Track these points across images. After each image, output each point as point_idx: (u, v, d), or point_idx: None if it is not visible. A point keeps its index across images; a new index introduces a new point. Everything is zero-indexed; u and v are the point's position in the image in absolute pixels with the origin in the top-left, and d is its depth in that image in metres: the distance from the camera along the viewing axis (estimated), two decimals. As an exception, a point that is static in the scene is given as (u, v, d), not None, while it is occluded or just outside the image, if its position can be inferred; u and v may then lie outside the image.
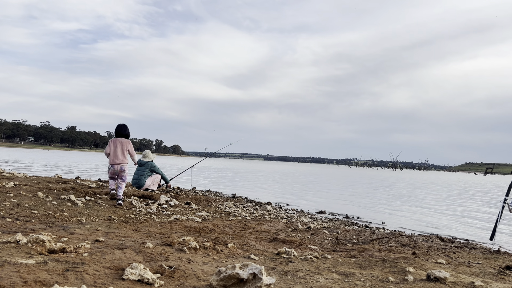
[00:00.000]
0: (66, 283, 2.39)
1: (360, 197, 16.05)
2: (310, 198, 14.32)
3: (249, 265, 2.62)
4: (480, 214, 11.96)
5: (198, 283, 2.68)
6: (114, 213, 5.87)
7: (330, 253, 4.40)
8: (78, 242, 3.48)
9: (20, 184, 7.48)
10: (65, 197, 6.51)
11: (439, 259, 4.15)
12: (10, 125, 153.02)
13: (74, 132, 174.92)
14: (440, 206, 14.01)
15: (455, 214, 11.58)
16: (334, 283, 2.94)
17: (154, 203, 7.42)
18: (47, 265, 2.66)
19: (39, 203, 5.84)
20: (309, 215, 9.31)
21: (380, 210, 11.59)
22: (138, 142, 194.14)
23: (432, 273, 3.17)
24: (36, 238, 3.16)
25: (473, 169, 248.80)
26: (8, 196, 6.01)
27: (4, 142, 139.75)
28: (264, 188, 17.88)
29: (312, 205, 11.76)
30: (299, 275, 3.10)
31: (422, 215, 11.01)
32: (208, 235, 4.79)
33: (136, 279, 2.60)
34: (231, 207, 8.46)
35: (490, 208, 14.21)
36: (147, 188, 9.50)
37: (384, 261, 3.86)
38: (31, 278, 2.37)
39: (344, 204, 12.80)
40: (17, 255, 2.86)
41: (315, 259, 3.78)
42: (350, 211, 10.87)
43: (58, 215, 5.13)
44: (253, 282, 2.53)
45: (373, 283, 3.03)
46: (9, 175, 9.46)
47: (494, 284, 3.16)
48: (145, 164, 9.69)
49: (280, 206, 10.59)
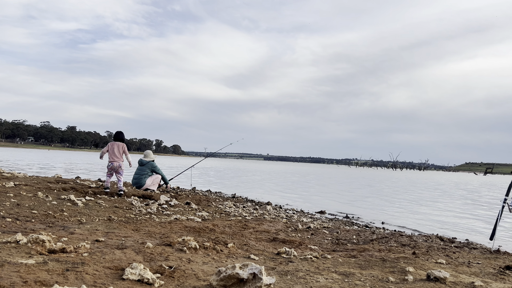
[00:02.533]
0: (66, 283, 2.39)
1: (360, 197, 16.05)
2: (310, 198, 14.32)
3: (249, 265, 2.62)
4: (480, 214, 11.96)
5: (198, 283, 2.68)
6: (114, 213, 5.88)
7: (330, 253, 4.40)
8: (78, 242, 3.48)
9: (20, 184, 7.48)
10: (65, 197, 6.51)
11: (439, 259, 4.15)
12: (10, 125, 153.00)
13: (74, 132, 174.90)
14: (440, 206, 14.01)
15: (455, 214, 11.58)
16: (334, 283, 2.94)
17: (154, 203, 7.42)
18: (47, 265, 2.66)
19: (39, 203, 5.84)
20: (309, 215, 9.32)
21: (380, 210, 11.59)
22: (138, 142, 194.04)
23: (432, 273, 3.17)
24: (36, 238, 3.16)
25: (473, 169, 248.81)
26: (8, 196, 6.01)
27: (4, 142, 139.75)
28: (264, 188, 17.88)
29: (312, 205, 11.76)
30: (299, 275, 3.10)
31: (422, 215, 11.01)
32: (208, 235, 4.80)
33: (136, 279, 2.60)
34: (231, 207, 8.46)
35: (489, 208, 14.21)
36: (147, 188, 9.50)
37: (384, 261, 3.86)
38: (31, 278, 2.37)
39: (344, 204, 12.80)
40: (17, 255, 2.86)
41: (315, 259, 3.78)
42: (350, 211, 10.87)
43: (58, 215, 5.14)
44: (253, 282, 2.53)
45: (373, 283, 3.03)
46: (9, 175, 9.46)
47: (494, 284, 3.16)
48: (146, 164, 9.69)
49: (280, 206, 10.59)
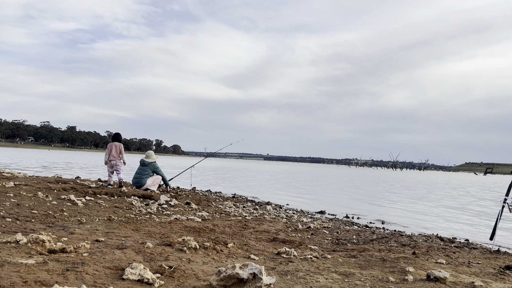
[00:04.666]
0: (66, 283, 2.39)
1: (360, 197, 16.05)
2: (310, 198, 14.32)
3: (249, 265, 2.61)
4: (480, 214, 11.96)
5: (198, 283, 2.68)
6: (114, 213, 5.88)
7: (330, 253, 4.40)
8: (78, 242, 3.48)
9: (20, 184, 7.48)
10: (65, 197, 6.51)
11: (439, 259, 4.15)
12: (10, 125, 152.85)
13: (74, 132, 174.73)
14: (440, 206, 14.01)
15: (455, 214, 11.58)
16: (334, 283, 2.94)
17: (154, 203, 7.42)
18: (47, 265, 2.66)
19: (39, 203, 5.84)
20: (309, 215, 9.32)
21: (380, 210, 11.59)
22: (138, 142, 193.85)
23: (432, 273, 3.17)
24: (36, 238, 3.16)
25: (473, 169, 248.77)
26: (8, 196, 6.01)
27: (4, 142, 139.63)
28: (264, 188, 17.89)
29: (312, 205, 11.76)
30: (299, 275, 3.10)
31: (422, 215, 11.01)
32: (208, 235, 4.80)
33: (136, 279, 2.60)
34: (231, 207, 8.46)
35: (489, 208, 14.21)
36: (147, 188, 9.50)
37: (384, 261, 3.86)
38: (31, 278, 2.37)
39: (344, 204, 12.80)
40: (17, 255, 2.86)
41: (315, 259, 3.78)
42: (350, 211, 10.87)
43: (58, 215, 5.14)
44: (253, 282, 2.53)
45: (373, 283, 3.03)
46: (9, 175, 9.46)
47: (494, 284, 3.16)
48: (148, 165, 9.70)
49: (280, 206, 10.59)
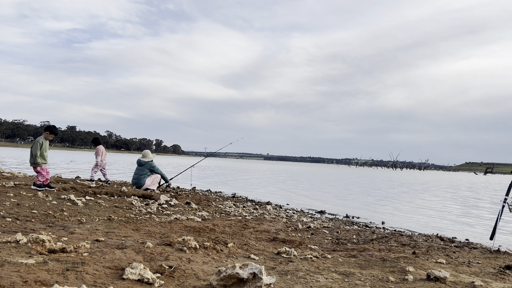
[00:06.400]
0: (66, 283, 2.39)
1: (361, 197, 16.05)
2: (310, 198, 14.32)
3: (249, 265, 2.61)
4: (480, 214, 11.96)
5: (198, 283, 2.68)
6: (114, 213, 5.88)
7: (330, 252, 4.40)
8: (78, 241, 3.48)
9: (20, 184, 7.48)
10: (65, 197, 6.51)
11: (439, 258, 4.15)
12: (10, 124, 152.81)
13: (74, 132, 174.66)
14: (440, 205, 14.01)
15: (455, 214, 11.58)
16: (334, 283, 2.94)
17: (154, 202, 7.42)
18: (47, 265, 2.66)
19: (39, 202, 5.84)
20: (309, 214, 9.32)
21: (380, 210, 11.59)
22: (138, 142, 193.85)
23: (432, 272, 3.17)
24: (36, 237, 3.16)
25: (473, 169, 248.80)
26: (8, 196, 6.01)
27: (4, 142, 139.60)
28: (264, 188, 17.88)
29: (312, 205, 11.76)
30: (299, 275, 3.10)
31: (422, 215, 11.01)
32: (208, 235, 4.79)
33: (136, 278, 2.60)
34: (231, 207, 8.46)
35: (490, 207, 14.21)
36: (147, 188, 9.50)
37: (384, 260, 3.86)
38: (31, 278, 2.37)
39: (344, 204, 12.80)
40: (17, 255, 2.86)
41: (315, 258, 3.77)
42: (350, 211, 10.87)
43: (58, 215, 5.14)
44: (253, 282, 2.53)
45: (373, 282, 3.03)
46: (9, 175, 9.46)
47: (494, 284, 3.16)
48: (144, 164, 9.69)
49: (280, 206, 10.59)
